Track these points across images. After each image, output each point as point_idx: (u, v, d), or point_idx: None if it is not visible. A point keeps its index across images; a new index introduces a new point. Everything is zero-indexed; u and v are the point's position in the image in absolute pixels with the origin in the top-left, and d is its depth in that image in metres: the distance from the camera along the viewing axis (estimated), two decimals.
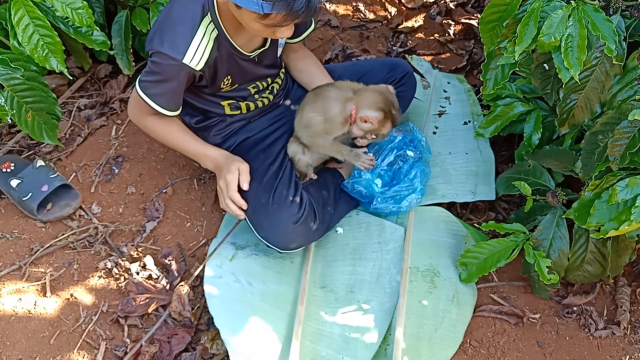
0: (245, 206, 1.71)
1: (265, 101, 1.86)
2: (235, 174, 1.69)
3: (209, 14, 1.57)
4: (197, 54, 1.57)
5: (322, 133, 1.76)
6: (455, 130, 2.14)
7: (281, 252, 1.74)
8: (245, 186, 1.70)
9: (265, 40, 1.73)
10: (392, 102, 1.73)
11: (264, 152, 1.81)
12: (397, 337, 1.56)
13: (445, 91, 2.30)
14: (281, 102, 1.93)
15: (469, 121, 2.16)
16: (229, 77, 1.71)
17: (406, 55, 2.51)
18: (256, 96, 1.84)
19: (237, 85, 1.77)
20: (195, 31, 1.56)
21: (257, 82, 1.81)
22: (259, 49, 1.72)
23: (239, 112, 1.83)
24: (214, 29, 1.59)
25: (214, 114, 1.81)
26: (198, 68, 1.59)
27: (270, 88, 1.86)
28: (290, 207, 1.69)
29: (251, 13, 1.44)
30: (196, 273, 1.74)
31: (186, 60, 1.56)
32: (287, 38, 1.80)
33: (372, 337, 1.61)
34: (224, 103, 1.79)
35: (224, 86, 1.74)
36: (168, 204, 1.97)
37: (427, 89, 2.31)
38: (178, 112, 1.71)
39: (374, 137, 1.78)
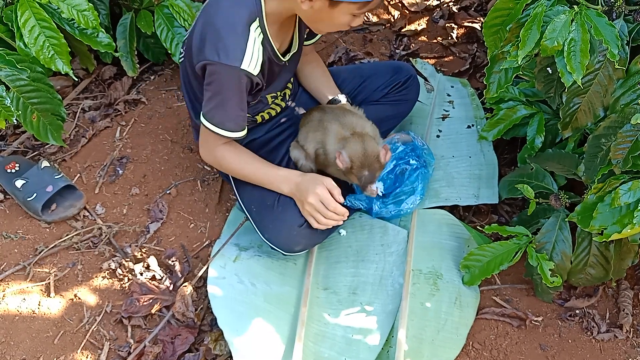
0: (347, 213, 1.69)
1: (278, 109, 1.86)
2: (324, 189, 1.64)
3: (257, 18, 1.54)
4: (253, 59, 1.54)
5: (324, 163, 1.77)
6: (459, 133, 2.15)
7: (285, 255, 1.75)
8: (341, 199, 1.66)
9: (293, 43, 1.72)
10: (370, 159, 1.68)
11: (270, 155, 1.82)
12: (400, 338, 1.56)
13: (449, 95, 2.31)
14: (288, 105, 1.94)
15: (473, 125, 2.16)
16: (264, 83, 1.70)
17: (410, 59, 2.52)
18: (272, 105, 1.84)
19: (264, 93, 1.74)
20: (247, 36, 1.53)
21: (277, 92, 1.81)
22: (289, 53, 1.71)
23: (254, 123, 1.83)
24: (260, 33, 1.56)
25: None
26: (255, 72, 1.56)
27: (282, 94, 1.86)
28: (295, 209, 1.69)
29: (351, 6, 1.46)
30: (200, 274, 1.75)
31: (244, 65, 1.52)
32: (305, 40, 1.80)
33: (375, 339, 1.61)
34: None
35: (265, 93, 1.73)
36: (172, 205, 1.98)
37: (431, 92, 2.31)
38: (245, 130, 1.67)
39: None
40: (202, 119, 1.64)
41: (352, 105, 1.91)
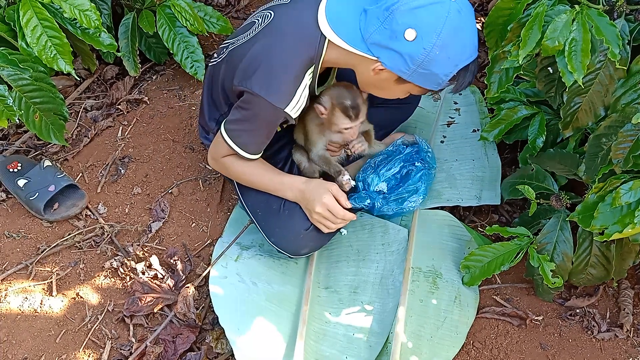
0: (356, 217, 1.71)
1: None
2: (331, 197, 1.64)
3: (314, 66, 1.53)
4: (298, 104, 1.54)
5: (313, 133, 1.77)
6: (464, 138, 2.14)
7: (292, 258, 1.75)
8: (348, 205, 1.67)
9: (329, 80, 1.73)
10: (345, 95, 1.67)
11: (273, 158, 1.82)
12: (397, 333, 1.57)
13: (455, 102, 2.29)
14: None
15: (478, 129, 2.15)
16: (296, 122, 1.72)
17: None
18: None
19: None
20: (301, 81, 1.51)
21: None
22: (322, 86, 1.71)
23: None
24: (311, 78, 1.56)
25: None
26: (295, 116, 1.56)
27: None
28: (301, 213, 1.69)
29: (415, 87, 1.51)
30: (203, 274, 1.75)
31: (288, 109, 1.52)
32: None
33: (376, 338, 1.62)
34: None
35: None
36: (173, 205, 1.99)
37: (438, 101, 2.30)
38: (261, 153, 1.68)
39: (349, 149, 1.80)
40: (223, 131, 1.62)
41: None
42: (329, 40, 1.51)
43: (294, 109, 1.54)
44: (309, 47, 1.50)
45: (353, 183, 1.76)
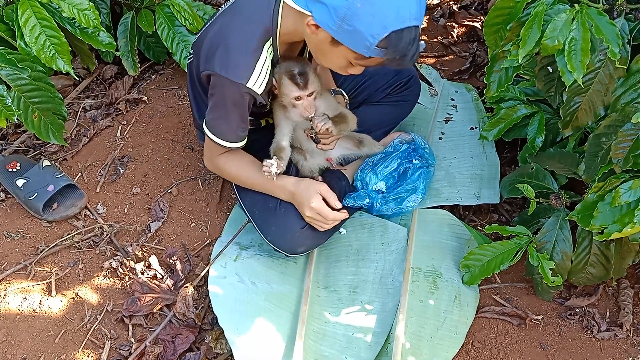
0: (347, 216, 1.71)
1: None
2: (319, 200, 1.65)
3: (271, 38, 1.53)
4: (259, 78, 1.53)
5: (277, 116, 1.75)
6: (462, 135, 2.14)
7: (289, 256, 1.75)
8: (338, 205, 1.68)
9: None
10: (293, 65, 1.63)
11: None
12: (398, 334, 1.57)
13: (452, 99, 2.30)
14: None
15: (476, 127, 2.16)
16: (268, 102, 1.70)
17: (415, 64, 2.51)
18: None
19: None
20: (259, 56, 1.52)
21: None
22: None
23: (258, 126, 1.83)
24: (271, 52, 1.56)
25: None
26: (260, 91, 1.55)
27: None
28: (297, 211, 1.69)
29: (349, 52, 1.42)
30: (202, 274, 1.75)
31: (250, 84, 1.52)
32: None
33: (375, 337, 1.62)
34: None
35: (267, 107, 1.73)
36: (173, 204, 1.98)
37: (435, 97, 2.31)
38: (245, 140, 1.68)
39: (313, 130, 1.74)
40: (204, 126, 1.64)
41: (350, 106, 1.92)
42: (283, 3, 1.50)
43: (256, 84, 1.53)
44: (264, 16, 1.51)
45: (273, 170, 1.65)
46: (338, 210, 1.69)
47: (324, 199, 1.67)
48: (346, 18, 1.36)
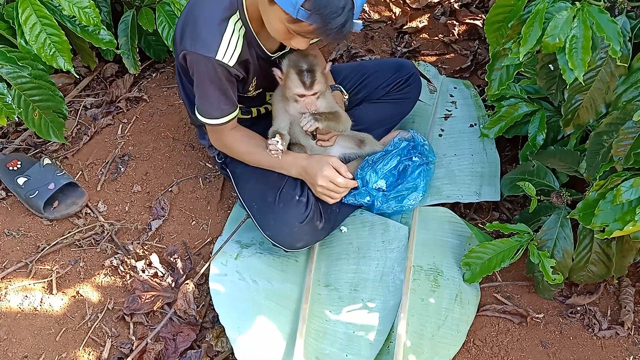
0: (357, 183, 1.75)
1: None
2: (331, 169, 1.69)
3: (237, 11, 1.55)
4: (228, 50, 1.55)
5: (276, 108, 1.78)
6: (461, 132, 2.14)
7: (287, 251, 1.75)
8: (349, 175, 1.72)
9: None
10: (303, 61, 1.66)
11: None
12: (399, 333, 1.57)
13: (451, 96, 2.30)
14: None
15: (475, 124, 2.16)
16: (255, 79, 1.70)
17: (413, 61, 2.51)
18: (269, 99, 1.84)
19: (260, 90, 1.76)
20: (225, 28, 1.53)
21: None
22: (280, 51, 1.71)
23: (249, 116, 1.83)
24: (242, 27, 1.57)
25: None
26: (231, 64, 1.56)
27: None
28: (296, 206, 1.70)
29: (282, 13, 1.42)
30: (202, 271, 1.75)
31: (219, 56, 1.54)
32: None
33: (376, 336, 1.62)
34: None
35: (251, 89, 1.73)
36: (173, 203, 1.98)
37: (434, 93, 2.31)
38: (235, 112, 1.68)
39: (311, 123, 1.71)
40: (197, 114, 1.67)
41: (350, 104, 1.92)
42: None
43: (225, 56, 1.55)
44: None
45: (279, 147, 1.67)
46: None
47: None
48: None
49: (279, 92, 1.76)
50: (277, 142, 1.67)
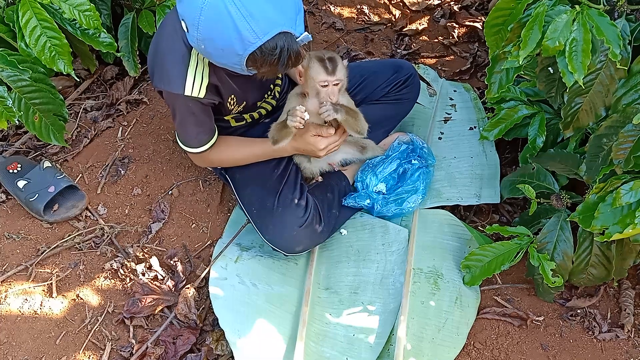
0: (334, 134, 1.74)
1: (269, 107, 1.86)
2: (315, 136, 1.70)
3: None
4: (195, 84, 1.54)
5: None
6: (461, 135, 2.15)
7: (287, 255, 1.75)
8: (332, 132, 1.73)
9: None
10: (324, 52, 1.68)
11: (276, 159, 1.81)
12: (400, 336, 1.57)
13: (451, 99, 2.30)
14: (282, 104, 1.93)
15: (475, 127, 2.16)
16: (232, 96, 1.70)
17: (413, 64, 2.51)
18: (263, 105, 1.84)
19: (244, 104, 1.76)
20: (188, 61, 1.53)
21: (265, 94, 1.82)
22: None
23: (243, 122, 1.84)
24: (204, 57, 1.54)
25: (219, 127, 1.78)
26: (202, 95, 1.56)
27: (272, 93, 1.86)
28: (295, 210, 1.70)
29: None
30: (202, 275, 1.75)
31: (187, 92, 1.54)
32: None
33: (376, 338, 1.62)
34: (228, 117, 1.80)
35: (233, 106, 1.73)
36: (173, 205, 1.98)
37: (434, 96, 2.31)
38: (213, 140, 1.71)
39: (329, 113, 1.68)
40: (178, 140, 1.74)
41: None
42: None
43: (193, 90, 1.54)
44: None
45: (306, 115, 1.62)
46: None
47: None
48: (210, 56, 1.43)
49: (296, 90, 1.76)
50: (302, 109, 1.61)
